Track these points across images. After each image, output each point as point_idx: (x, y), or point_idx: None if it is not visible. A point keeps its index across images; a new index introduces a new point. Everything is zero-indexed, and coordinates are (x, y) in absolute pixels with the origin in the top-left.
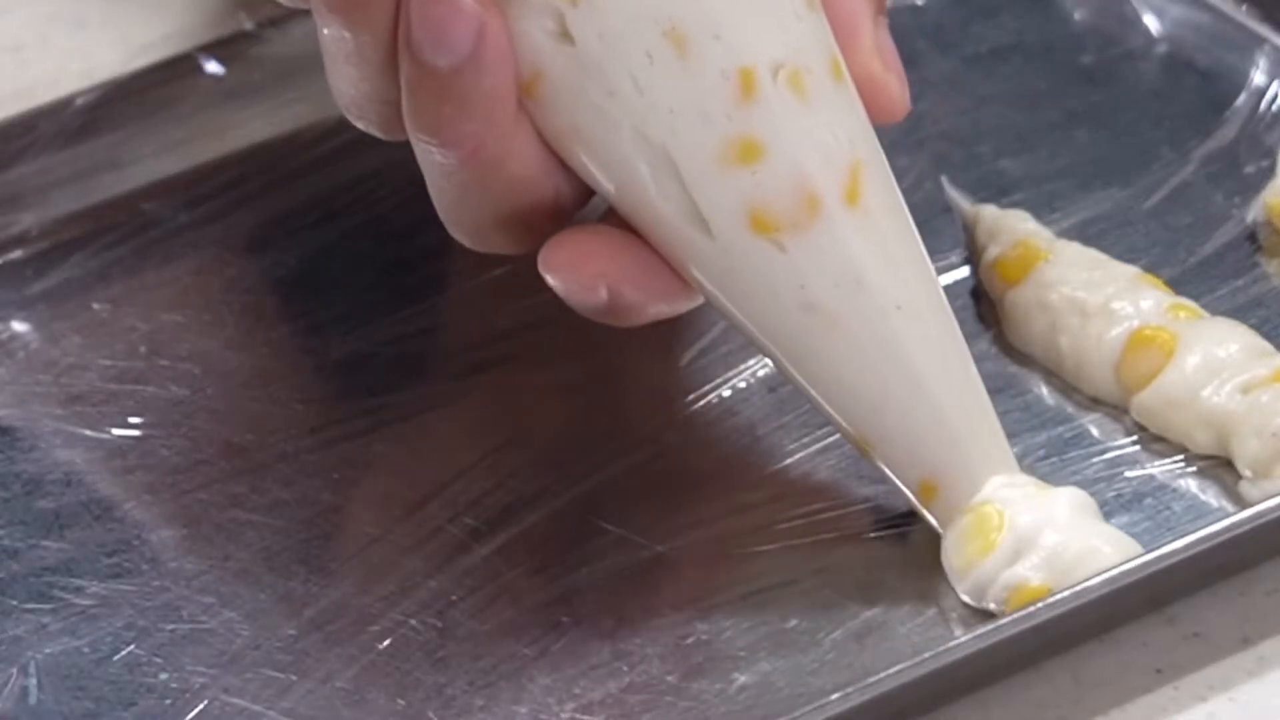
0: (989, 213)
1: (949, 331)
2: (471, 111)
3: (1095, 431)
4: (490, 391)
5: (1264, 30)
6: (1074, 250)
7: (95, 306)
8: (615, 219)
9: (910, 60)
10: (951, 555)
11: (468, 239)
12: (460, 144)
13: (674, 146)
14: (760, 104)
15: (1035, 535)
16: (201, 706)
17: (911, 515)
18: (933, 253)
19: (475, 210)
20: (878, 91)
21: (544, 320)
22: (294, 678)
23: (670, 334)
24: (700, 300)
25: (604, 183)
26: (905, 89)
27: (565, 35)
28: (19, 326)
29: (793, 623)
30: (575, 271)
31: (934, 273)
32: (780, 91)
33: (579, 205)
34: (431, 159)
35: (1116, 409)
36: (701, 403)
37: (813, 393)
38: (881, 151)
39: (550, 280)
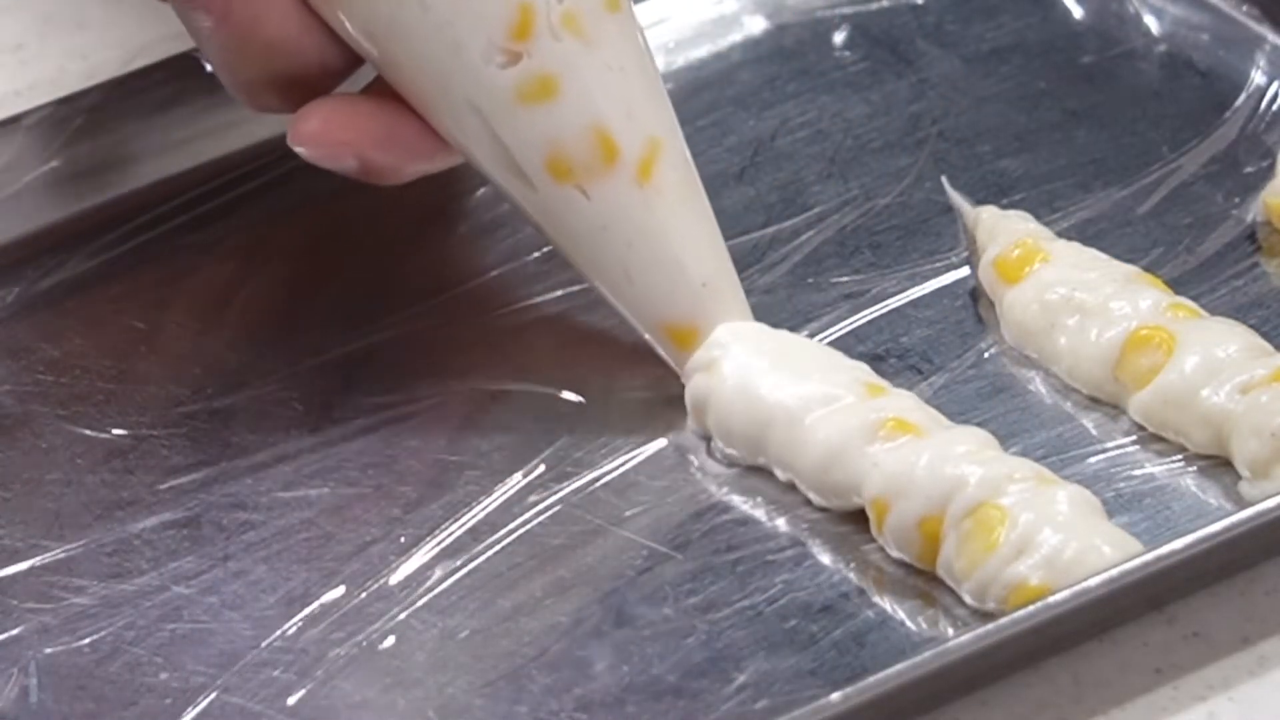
0: (989, 213)
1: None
2: None
3: (1094, 431)
4: (489, 392)
5: (1264, 30)
6: (1073, 250)
7: (95, 306)
8: (378, 86)
9: (910, 60)
10: (954, 560)
11: (243, 98)
12: (210, 6)
13: (469, 82)
14: (540, 39)
15: (1035, 533)
16: (201, 706)
17: None
18: (932, 253)
19: (241, 71)
20: None
21: (540, 320)
22: (294, 678)
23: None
24: (459, 159)
25: (413, 104)
26: None
27: None
28: (19, 326)
29: (792, 623)
30: (322, 142)
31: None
32: (557, 30)
33: (349, 70)
34: (191, 23)
35: (1115, 408)
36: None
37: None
38: (681, 136)
39: (299, 151)
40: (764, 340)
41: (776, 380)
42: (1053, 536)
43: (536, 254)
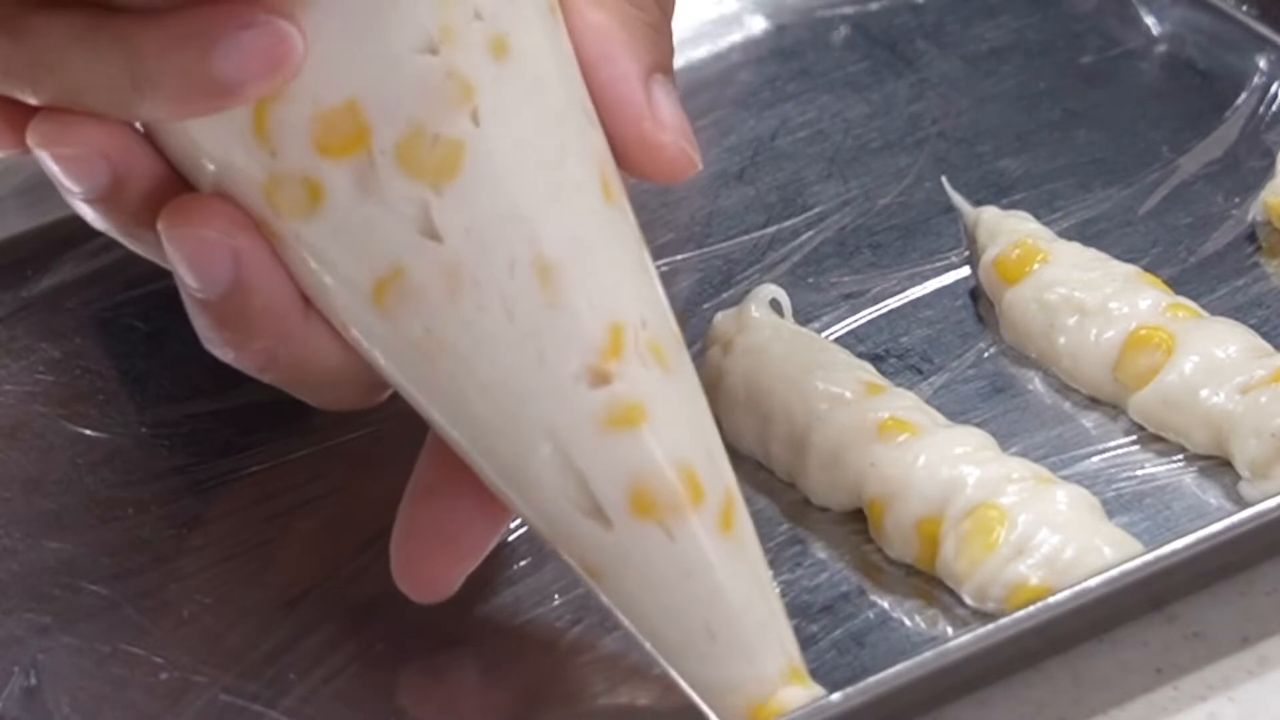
0: (990, 213)
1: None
2: (252, 330)
3: (1094, 431)
4: None
5: (1264, 30)
6: (1073, 250)
7: (95, 306)
8: None
9: (910, 60)
10: (953, 561)
11: (314, 404)
12: (253, 356)
13: (550, 403)
14: (629, 362)
15: (1034, 534)
16: (201, 706)
17: None
18: (933, 252)
19: (302, 394)
20: (651, 153)
21: None
22: (294, 678)
23: None
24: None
25: (464, 438)
26: (687, 147)
27: (431, 231)
28: (19, 326)
29: (793, 623)
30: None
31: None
32: (644, 355)
33: None
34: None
35: (1115, 408)
36: None
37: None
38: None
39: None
40: (778, 331)
41: (780, 374)
42: (1052, 537)
43: None
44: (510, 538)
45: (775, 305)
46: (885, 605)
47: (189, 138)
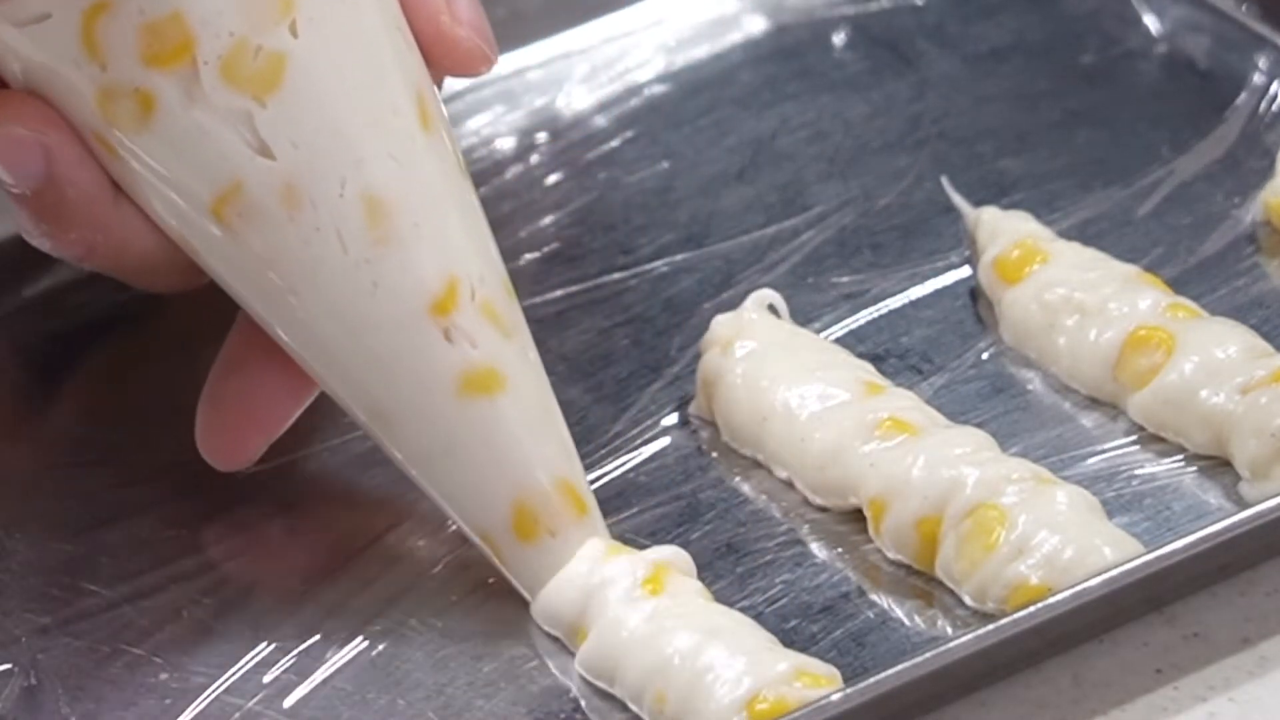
0: (989, 213)
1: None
2: (67, 221)
3: (1094, 431)
4: None
5: (1264, 30)
6: (1073, 250)
7: (95, 306)
8: None
9: (910, 60)
10: (953, 562)
11: (140, 288)
12: (70, 246)
13: (389, 335)
14: (465, 313)
15: (1034, 534)
16: (201, 706)
17: None
18: (933, 253)
19: (125, 279)
20: (448, 47)
21: (540, 320)
22: (294, 678)
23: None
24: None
25: (316, 363)
26: (480, 43)
27: (260, 145)
28: (19, 327)
29: (793, 623)
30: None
31: None
32: (479, 311)
33: None
34: (56, 252)
35: (1115, 408)
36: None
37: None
38: None
39: None
40: (777, 332)
41: (778, 374)
42: (1052, 537)
43: (536, 254)
44: None
45: (772, 310)
46: (885, 605)
47: (10, 50)
